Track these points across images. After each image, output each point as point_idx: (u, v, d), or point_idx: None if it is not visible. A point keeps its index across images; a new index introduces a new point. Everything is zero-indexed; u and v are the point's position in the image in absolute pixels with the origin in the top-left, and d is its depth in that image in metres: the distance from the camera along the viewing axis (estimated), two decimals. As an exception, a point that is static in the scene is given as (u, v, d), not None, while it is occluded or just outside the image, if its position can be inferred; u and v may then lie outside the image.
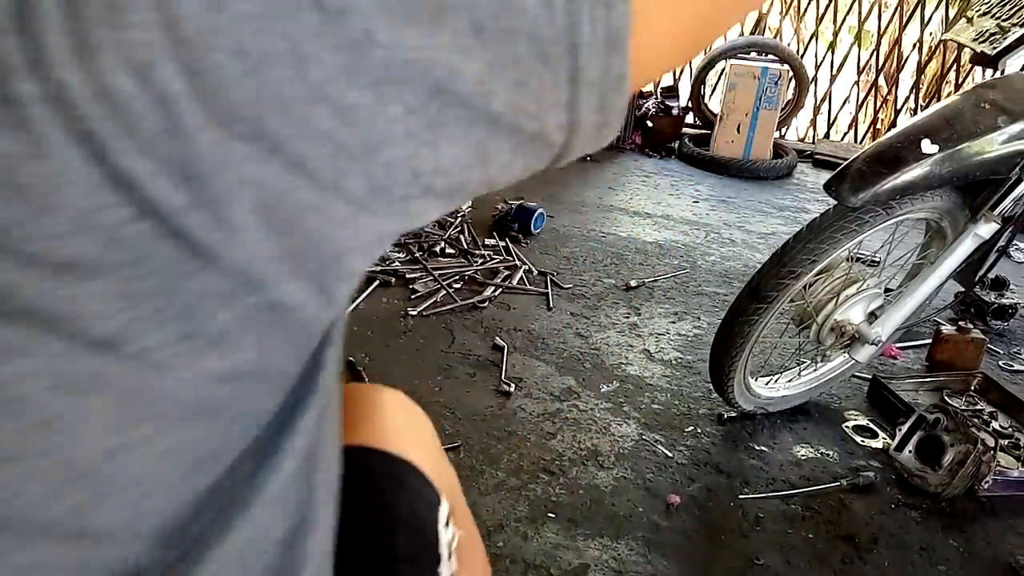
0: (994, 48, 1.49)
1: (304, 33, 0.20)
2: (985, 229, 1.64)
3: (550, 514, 1.61)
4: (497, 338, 2.26)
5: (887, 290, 1.97)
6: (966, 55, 1.59)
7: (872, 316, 1.80)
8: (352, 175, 0.22)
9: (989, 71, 1.91)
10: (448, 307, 2.42)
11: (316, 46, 0.20)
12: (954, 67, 4.57)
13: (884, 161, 1.51)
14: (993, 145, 1.52)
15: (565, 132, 0.25)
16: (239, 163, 0.20)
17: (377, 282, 2.51)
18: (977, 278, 1.92)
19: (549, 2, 0.21)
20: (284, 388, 0.28)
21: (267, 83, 0.20)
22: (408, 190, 0.23)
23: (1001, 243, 1.78)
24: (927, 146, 1.49)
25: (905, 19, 4.59)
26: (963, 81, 4.47)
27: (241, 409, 0.26)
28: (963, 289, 2.04)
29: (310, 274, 0.23)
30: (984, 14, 1.61)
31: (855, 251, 1.79)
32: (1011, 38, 1.47)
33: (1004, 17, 1.53)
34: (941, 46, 4.68)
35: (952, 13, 4.36)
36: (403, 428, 0.69)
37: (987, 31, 1.55)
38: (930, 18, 4.55)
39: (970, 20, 1.66)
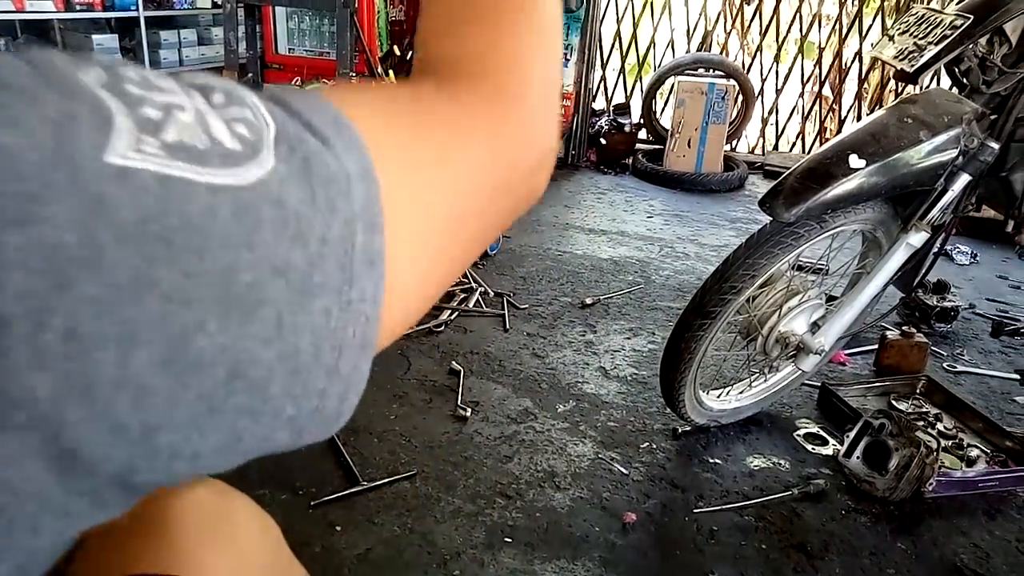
0: (912, 65, 1.55)
1: (142, 320, 0.20)
2: (916, 238, 1.70)
3: (507, 539, 1.61)
4: (453, 362, 2.26)
5: (831, 298, 2.02)
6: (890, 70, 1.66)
7: (815, 326, 1.84)
8: (114, 459, 0.21)
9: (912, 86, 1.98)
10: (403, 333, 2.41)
11: (149, 333, 0.20)
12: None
13: (815, 177, 1.56)
14: (917, 158, 1.57)
15: (310, 418, 0.26)
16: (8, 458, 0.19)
17: (331, 311, 2.49)
18: (915, 284, 1.98)
19: (328, 309, 0.24)
20: None
21: (83, 367, 0.19)
22: (155, 476, 0.23)
23: (935, 248, 1.84)
24: (855, 161, 1.54)
25: (844, 32, 4.74)
26: (903, 90, 4.62)
27: None
28: (903, 295, 2.10)
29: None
30: (903, 33, 1.68)
31: (800, 260, 1.83)
32: (927, 56, 1.53)
33: (920, 36, 1.59)
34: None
35: (889, 24, 4.52)
36: (199, 542, 0.50)
37: (906, 49, 1.61)
38: (868, 30, 4.71)
39: (892, 38, 1.72)
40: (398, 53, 4.81)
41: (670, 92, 4.80)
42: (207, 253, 0.21)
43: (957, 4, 1.63)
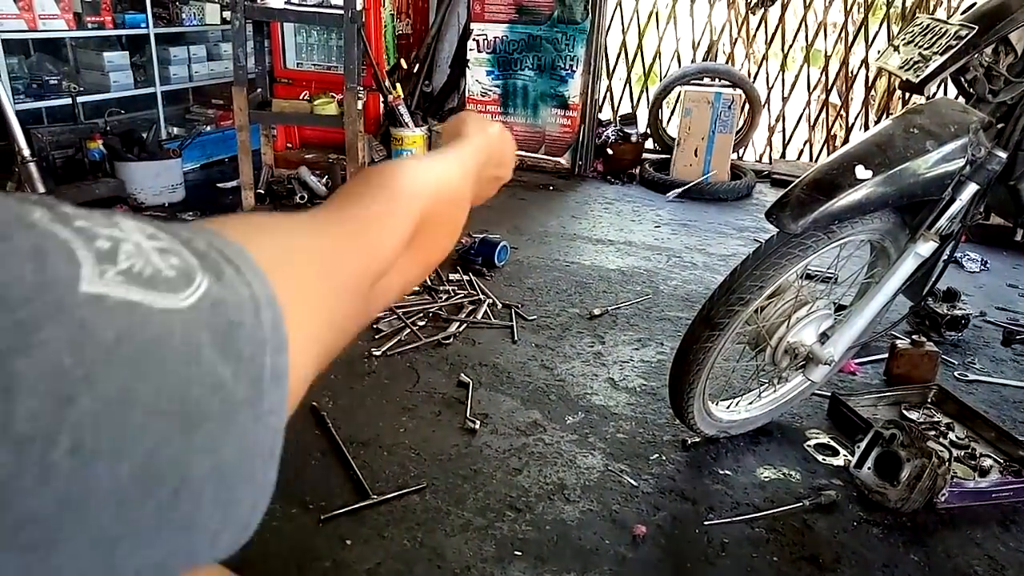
0: (918, 76, 1.56)
1: (128, 433, 0.21)
2: (924, 248, 1.69)
3: (517, 552, 1.61)
4: (462, 374, 2.26)
5: (840, 307, 2.01)
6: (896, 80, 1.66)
7: (824, 336, 1.84)
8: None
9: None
10: (413, 345, 2.42)
11: (132, 446, 0.21)
12: (900, 84, 4.72)
13: (821, 188, 1.56)
14: (924, 168, 1.57)
15: (228, 528, 0.27)
16: None
17: (340, 324, 2.50)
18: (924, 293, 1.97)
19: (246, 423, 0.26)
20: None
21: (83, 481, 0.20)
22: None
23: (944, 257, 1.83)
24: (861, 172, 1.54)
25: (850, 40, 4.74)
26: (909, 98, 4.62)
27: None
28: (913, 304, 2.09)
29: None
30: (909, 43, 1.68)
31: (808, 270, 1.83)
32: (932, 66, 1.53)
33: (925, 46, 1.60)
34: (887, 64, 4.84)
35: (895, 31, 4.52)
36: None
37: (911, 60, 1.61)
38: (874, 37, 4.71)
39: (896, 48, 1.73)
40: (405, 66, 4.84)
41: (676, 102, 4.82)
42: (169, 369, 0.23)
43: (962, 14, 1.63)
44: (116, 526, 0.22)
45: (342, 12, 3.25)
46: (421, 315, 2.61)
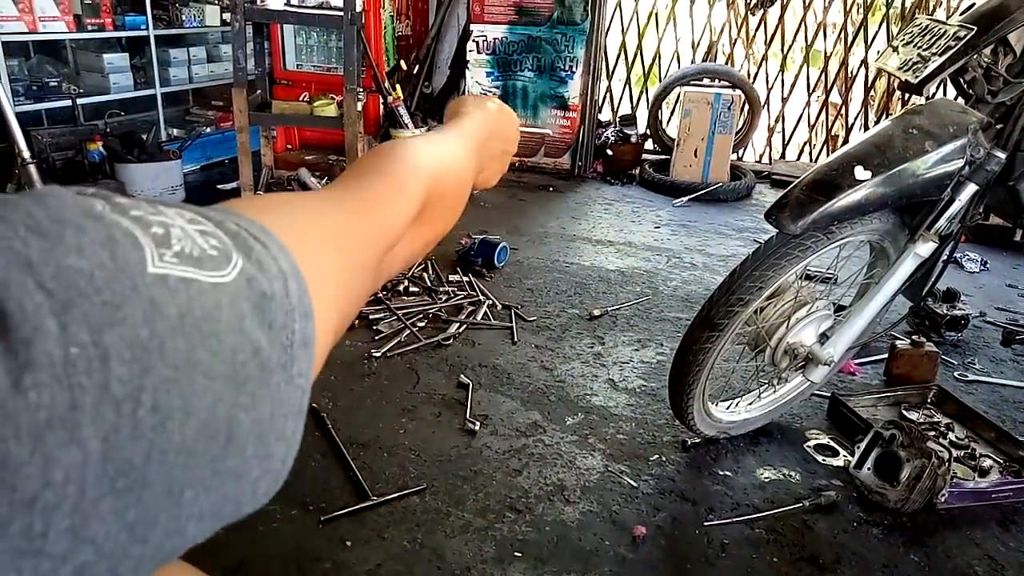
0: (917, 76, 1.56)
1: (194, 394, 0.24)
2: (924, 248, 1.69)
3: (517, 553, 1.61)
4: (462, 376, 2.26)
5: (840, 308, 2.01)
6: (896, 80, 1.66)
7: (824, 337, 1.84)
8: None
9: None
10: (413, 346, 2.42)
11: (197, 405, 0.24)
12: (900, 84, 4.72)
13: (821, 189, 1.56)
14: (923, 168, 1.57)
15: (265, 479, 0.29)
16: None
17: (340, 325, 2.50)
18: (924, 293, 1.97)
19: (279, 384, 0.28)
20: None
21: (163, 436, 0.23)
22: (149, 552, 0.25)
23: (944, 258, 1.83)
24: (860, 172, 1.54)
25: (850, 40, 4.74)
26: (909, 99, 4.62)
27: None
28: (912, 304, 2.09)
29: None
30: (907, 44, 1.68)
31: (808, 270, 1.83)
32: (931, 67, 1.53)
33: (924, 47, 1.60)
34: (886, 65, 4.84)
35: (894, 32, 4.52)
36: None
37: (910, 60, 1.62)
38: (874, 38, 4.71)
39: (896, 49, 1.73)
40: (404, 68, 4.84)
41: (676, 102, 4.82)
42: (222, 337, 0.26)
43: (960, 15, 1.64)
44: (185, 475, 0.25)
45: (342, 14, 3.25)
46: (421, 316, 2.61)
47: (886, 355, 2.41)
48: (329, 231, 0.39)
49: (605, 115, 5.05)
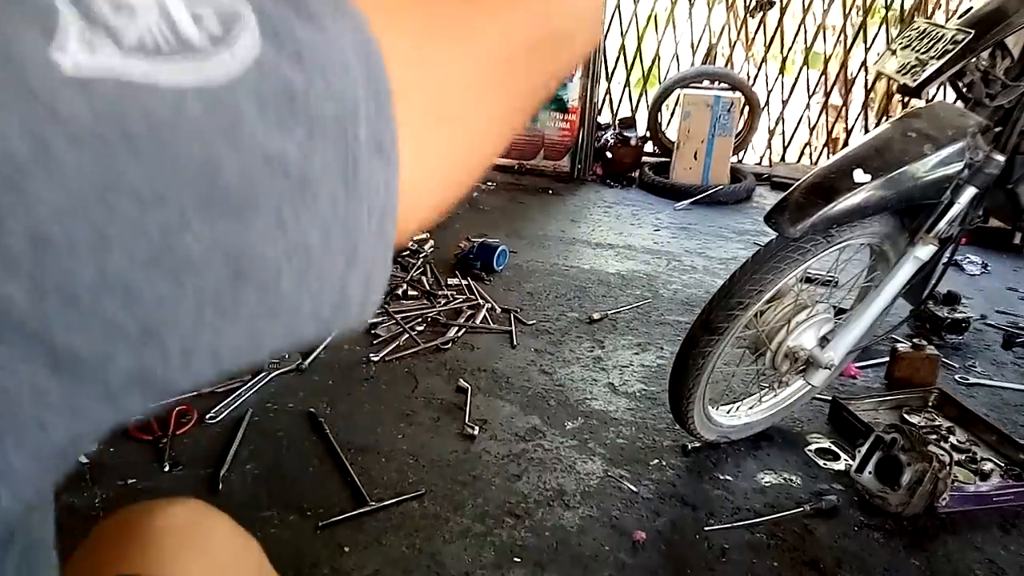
0: (915, 80, 1.56)
1: (113, 223, 0.19)
2: (923, 251, 1.69)
3: (516, 559, 1.60)
4: (461, 380, 2.26)
5: (840, 311, 2.01)
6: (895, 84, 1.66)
7: (824, 340, 1.83)
8: (119, 361, 0.21)
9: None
10: (411, 351, 2.41)
11: (123, 235, 0.19)
12: (899, 86, 4.72)
13: (820, 192, 1.56)
14: (922, 171, 1.57)
15: (334, 310, 0.26)
16: None
17: (339, 329, 2.50)
18: (924, 296, 1.96)
19: (334, 199, 0.23)
20: None
21: (57, 273, 0.19)
22: (175, 379, 0.23)
23: (944, 260, 1.83)
24: (859, 176, 1.54)
25: (849, 43, 4.75)
26: (908, 101, 4.62)
27: None
28: (913, 307, 2.09)
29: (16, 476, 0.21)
30: (906, 47, 1.68)
31: (808, 273, 1.83)
32: (929, 70, 1.53)
33: (922, 50, 1.60)
34: (886, 67, 4.84)
35: (893, 34, 4.52)
36: (179, 548, 0.61)
37: (909, 64, 1.61)
38: (874, 40, 4.71)
39: (894, 53, 1.73)
40: None
41: (676, 105, 4.82)
42: (178, 151, 0.20)
43: (959, 19, 1.63)
44: (134, 315, 0.20)
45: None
46: (419, 320, 2.61)
47: (887, 358, 2.41)
48: None
49: (604, 118, 5.05)
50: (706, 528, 1.72)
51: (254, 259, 0.22)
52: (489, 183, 4.47)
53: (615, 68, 5.07)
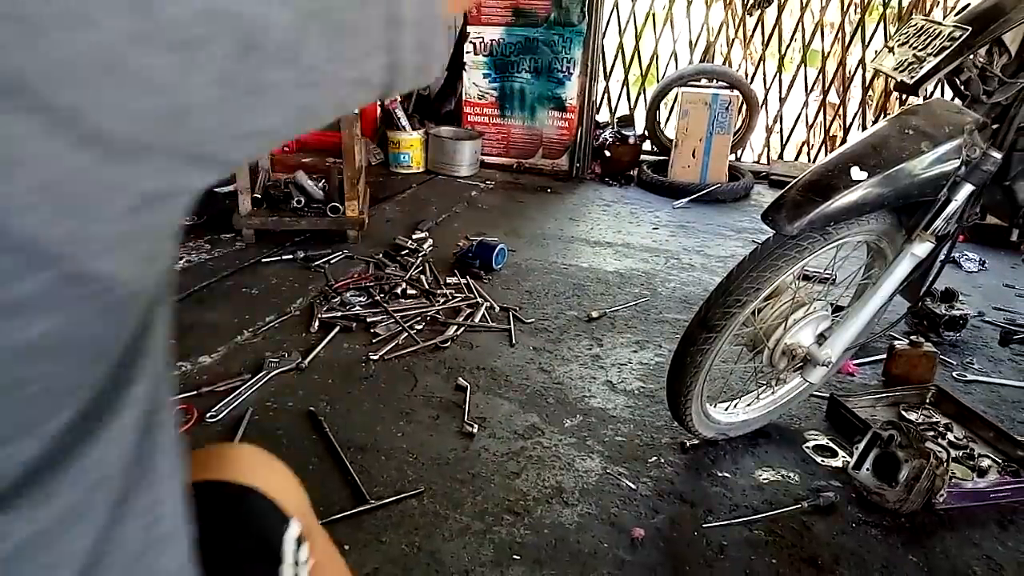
0: (912, 77, 1.56)
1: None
2: (921, 248, 1.69)
3: (515, 556, 1.61)
4: (460, 378, 2.26)
5: (838, 308, 2.01)
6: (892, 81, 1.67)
7: (822, 337, 1.84)
8: (151, 137, 0.21)
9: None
10: (410, 349, 2.42)
11: (101, 8, 0.20)
12: (897, 84, 4.72)
13: (817, 189, 1.56)
14: (919, 169, 1.57)
15: (386, 73, 0.26)
16: (18, 138, 0.19)
17: (338, 328, 2.50)
18: (921, 293, 1.97)
19: None
20: (106, 358, 0.26)
21: (50, 47, 0.19)
22: (228, 154, 0.23)
23: (941, 258, 1.83)
24: (856, 173, 1.54)
25: (847, 40, 4.75)
26: (906, 99, 4.62)
27: (49, 383, 0.24)
28: (910, 304, 2.09)
29: (113, 247, 0.22)
30: (903, 44, 1.68)
31: (806, 270, 1.83)
32: (926, 68, 1.53)
33: (919, 48, 1.60)
34: (883, 65, 4.85)
35: (891, 31, 4.52)
36: (252, 465, 0.74)
37: (906, 61, 1.62)
38: (871, 38, 4.71)
39: (891, 50, 1.73)
40: None
41: (674, 103, 4.82)
42: None
43: (956, 15, 1.64)
44: (151, 97, 0.21)
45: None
46: (418, 319, 2.61)
47: (884, 355, 2.41)
48: None
49: (603, 116, 5.05)
50: (704, 525, 1.72)
51: (262, 30, 0.22)
52: (488, 182, 4.48)
53: (613, 66, 5.07)
